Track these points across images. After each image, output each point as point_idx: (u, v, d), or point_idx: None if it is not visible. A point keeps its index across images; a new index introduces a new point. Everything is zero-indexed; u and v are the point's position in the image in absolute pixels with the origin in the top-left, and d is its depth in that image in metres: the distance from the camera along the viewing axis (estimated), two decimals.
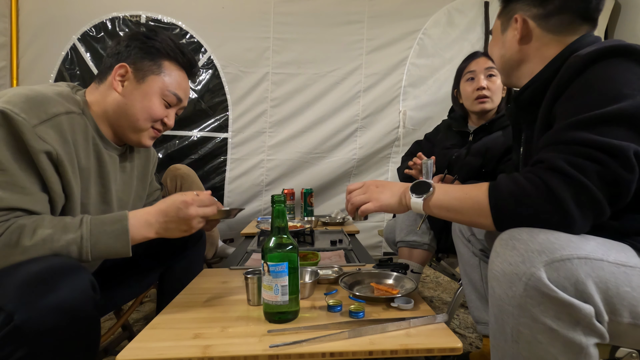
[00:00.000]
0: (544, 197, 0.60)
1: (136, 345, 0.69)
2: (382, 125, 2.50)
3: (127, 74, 0.90)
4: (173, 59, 0.94)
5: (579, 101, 0.66)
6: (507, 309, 0.60)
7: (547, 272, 0.56)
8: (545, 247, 0.58)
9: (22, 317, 0.60)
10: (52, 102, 0.79)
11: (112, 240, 0.77)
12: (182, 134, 2.39)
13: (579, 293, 0.56)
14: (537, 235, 0.59)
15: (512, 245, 0.60)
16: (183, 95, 0.97)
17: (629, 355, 0.66)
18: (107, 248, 0.77)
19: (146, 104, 0.91)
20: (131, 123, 0.91)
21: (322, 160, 2.50)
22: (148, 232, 0.82)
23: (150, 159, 1.14)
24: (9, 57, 2.15)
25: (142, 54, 0.91)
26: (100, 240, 0.76)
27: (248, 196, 2.47)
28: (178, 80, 0.95)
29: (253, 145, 2.45)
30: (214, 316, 0.81)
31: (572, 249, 0.57)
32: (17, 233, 0.70)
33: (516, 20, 0.81)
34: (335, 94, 2.47)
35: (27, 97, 0.76)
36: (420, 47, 2.48)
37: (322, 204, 2.54)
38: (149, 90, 0.91)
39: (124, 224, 0.78)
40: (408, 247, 1.40)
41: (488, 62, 1.40)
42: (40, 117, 0.75)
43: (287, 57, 2.42)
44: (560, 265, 0.56)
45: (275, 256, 0.75)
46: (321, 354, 0.65)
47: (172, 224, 0.82)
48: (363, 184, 0.87)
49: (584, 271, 0.56)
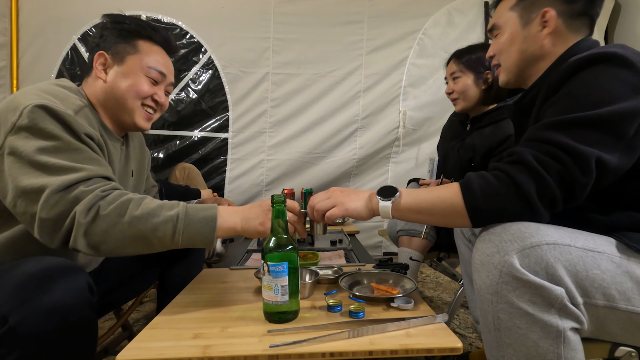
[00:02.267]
0: (513, 194, 0.65)
1: (136, 345, 0.69)
2: (382, 125, 2.50)
3: (107, 61, 0.93)
4: (146, 37, 0.96)
5: (561, 105, 0.69)
6: (486, 298, 0.64)
7: (519, 258, 0.60)
8: (516, 237, 0.62)
9: (17, 319, 0.59)
10: (71, 96, 0.84)
11: (202, 225, 0.78)
12: (182, 134, 2.39)
13: (550, 276, 0.60)
14: (510, 227, 0.64)
15: (488, 239, 0.65)
16: (165, 70, 0.98)
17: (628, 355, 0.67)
18: (196, 232, 0.78)
19: (130, 83, 0.93)
20: (121, 105, 0.93)
21: (322, 160, 2.50)
22: (234, 220, 0.82)
23: (145, 155, 1.18)
24: (9, 57, 2.15)
25: (116, 39, 0.94)
26: (192, 223, 0.77)
27: (248, 196, 2.47)
28: (156, 56, 0.97)
29: (253, 145, 2.45)
30: (214, 316, 0.81)
31: (540, 236, 0.61)
32: (127, 204, 0.74)
33: (545, 13, 0.79)
34: (335, 94, 2.47)
35: (50, 93, 0.79)
36: (420, 47, 2.48)
37: None
38: (129, 70, 0.93)
39: (213, 212, 0.80)
40: (408, 235, 1.46)
41: (452, 67, 1.51)
42: (72, 108, 0.81)
43: (287, 57, 2.42)
44: (530, 252, 0.60)
45: (275, 256, 0.75)
46: (321, 354, 0.65)
47: (252, 212, 0.83)
48: (327, 191, 0.86)
49: (553, 255, 0.60)
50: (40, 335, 0.62)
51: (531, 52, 0.81)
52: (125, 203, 0.75)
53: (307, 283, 0.90)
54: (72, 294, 0.66)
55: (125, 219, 0.73)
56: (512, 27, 0.83)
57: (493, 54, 0.89)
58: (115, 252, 0.76)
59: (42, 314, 0.62)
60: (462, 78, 1.46)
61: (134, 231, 0.74)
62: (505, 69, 0.87)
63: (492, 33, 0.89)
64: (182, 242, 0.77)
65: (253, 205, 0.85)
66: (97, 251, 0.74)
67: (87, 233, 0.72)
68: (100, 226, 0.72)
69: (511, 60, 0.85)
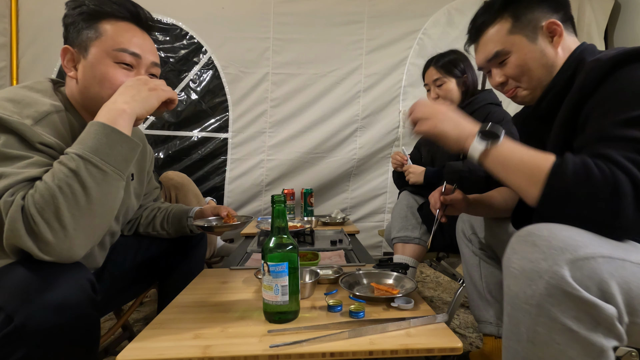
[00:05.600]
0: (609, 188, 0.59)
1: (136, 345, 0.69)
2: (382, 125, 2.50)
3: (74, 55, 0.83)
4: (110, 16, 0.83)
5: (615, 102, 0.66)
6: (523, 308, 0.59)
7: (571, 270, 0.55)
8: (568, 245, 0.56)
9: (22, 317, 0.60)
10: (39, 102, 0.77)
11: (101, 137, 0.71)
12: (182, 135, 2.39)
13: (602, 293, 0.55)
14: (559, 232, 0.58)
15: (532, 242, 0.59)
16: (138, 49, 0.84)
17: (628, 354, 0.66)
18: (103, 145, 0.71)
19: (100, 77, 0.82)
20: (98, 102, 0.80)
21: (322, 160, 2.50)
22: (118, 109, 0.75)
23: (146, 156, 1.12)
24: (9, 57, 2.16)
25: (79, 28, 0.82)
26: (93, 145, 0.70)
27: (248, 196, 2.47)
28: (124, 35, 0.83)
29: (253, 146, 2.46)
30: (214, 316, 0.81)
31: (594, 247, 0.56)
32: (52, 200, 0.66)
33: (550, 24, 0.81)
34: (335, 94, 2.47)
35: (12, 100, 0.74)
36: (420, 47, 2.48)
37: (322, 204, 2.54)
38: (95, 60, 0.81)
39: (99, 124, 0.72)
40: (401, 242, 1.47)
41: (434, 74, 1.54)
42: (33, 117, 0.74)
43: (287, 57, 2.42)
44: (584, 264, 0.55)
45: (275, 256, 0.75)
46: (321, 354, 0.65)
47: (127, 94, 0.77)
48: (434, 103, 0.82)
49: (607, 270, 0.55)
50: (45, 333, 0.62)
51: (551, 63, 0.83)
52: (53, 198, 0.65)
53: (307, 283, 0.90)
54: (75, 291, 0.67)
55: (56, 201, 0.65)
56: (524, 48, 0.83)
57: (504, 79, 0.87)
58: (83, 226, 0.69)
59: (47, 312, 0.62)
60: (446, 83, 1.52)
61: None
62: (530, 87, 0.85)
63: (492, 62, 0.87)
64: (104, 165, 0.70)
65: (125, 88, 0.79)
66: (66, 234, 0.67)
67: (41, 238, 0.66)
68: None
69: (537, 78, 0.84)
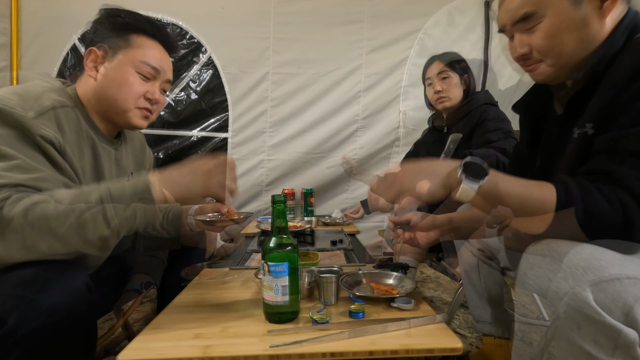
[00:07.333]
0: (620, 221, 0.56)
1: (136, 345, 0.69)
2: (383, 126, 2.50)
3: (98, 57, 0.88)
4: (141, 31, 0.91)
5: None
6: (539, 327, 0.57)
7: (594, 292, 0.51)
8: (591, 264, 0.52)
9: (15, 320, 0.59)
10: (44, 96, 0.78)
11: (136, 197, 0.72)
12: (182, 134, 2.39)
13: (625, 317, 0.51)
14: (581, 249, 0.54)
15: (551, 258, 0.56)
16: (159, 65, 0.92)
17: None
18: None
19: (120, 81, 0.87)
20: (112, 105, 0.88)
21: (322, 160, 2.49)
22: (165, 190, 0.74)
23: (145, 156, 1.13)
24: (9, 57, 2.15)
25: (109, 33, 0.89)
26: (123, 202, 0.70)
27: (248, 196, 2.47)
28: (150, 51, 0.91)
29: (253, 145, 2.45)
30: (214, 316, 0.81)
31: (620, 267, 0.52)
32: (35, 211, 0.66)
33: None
34: (336, 94, 2.47)
35: (17, 94, 0.75)
36: (421, 47, 2.47)
37: (322, 204, 2.53)
38: (119, 66, 0.88)
39: (144, 181, 0.73)
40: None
41: (439, 67, 1.57)
42: (36, 110, 0.75)
43: (287, 57, 2.42)
44: (608, 286, 0.51)
45: (275, 256, 0.75)
46: (321, 354, 0.65)
47: (185, 180, 0.76)
48: (387, 174, 0.70)
49: (632, 293, 0.51)
50: (39, 336, 0.61)
51: (592, 37, 0.66)
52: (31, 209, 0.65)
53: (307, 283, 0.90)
54: (71, 293, 0.66)
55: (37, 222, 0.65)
56: (563, 12, 0.66)
57: (528, 50, 0.72)
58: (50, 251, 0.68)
59: (41, 315, 0.61)
60: (451, 77, 1.55)
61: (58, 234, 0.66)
62: (558, 66, 0.70)
63: (518, 26, 0.72)
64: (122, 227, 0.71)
65: (184, 171, 0.77)
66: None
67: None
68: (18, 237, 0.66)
69: (568, 54, 0.69)
